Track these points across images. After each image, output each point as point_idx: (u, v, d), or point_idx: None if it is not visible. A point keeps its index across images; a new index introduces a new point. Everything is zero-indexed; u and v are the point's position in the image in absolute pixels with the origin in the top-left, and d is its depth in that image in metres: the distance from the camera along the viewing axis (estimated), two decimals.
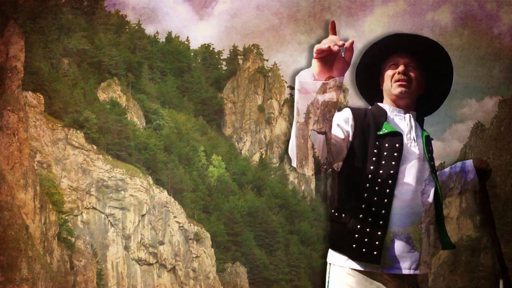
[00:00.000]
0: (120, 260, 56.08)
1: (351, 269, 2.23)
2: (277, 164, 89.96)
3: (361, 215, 2.20)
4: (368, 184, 2.22)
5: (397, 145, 2.27)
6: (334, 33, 1.97)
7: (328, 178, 2.35)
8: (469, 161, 2.60)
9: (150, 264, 58.57)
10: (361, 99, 2.57)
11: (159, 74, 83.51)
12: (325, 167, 2.15)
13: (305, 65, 2.02)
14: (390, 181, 2.22)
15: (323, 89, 1.96)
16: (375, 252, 2.17)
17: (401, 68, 2.34)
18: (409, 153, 2.29)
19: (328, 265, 2.32)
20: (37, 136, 53.30)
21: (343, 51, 1.96)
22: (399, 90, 2.34)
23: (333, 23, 1.96)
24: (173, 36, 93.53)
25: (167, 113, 74.93)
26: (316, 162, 2.15)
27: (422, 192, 2.27)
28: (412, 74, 2.36)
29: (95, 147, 57.28)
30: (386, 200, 2.20)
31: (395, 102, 2.38)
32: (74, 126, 56.27)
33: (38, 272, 41.53)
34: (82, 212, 55.07)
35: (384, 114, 2.35)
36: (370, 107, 2.43)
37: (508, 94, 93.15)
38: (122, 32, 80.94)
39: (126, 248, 56.94)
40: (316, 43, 1.95)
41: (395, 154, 2.25)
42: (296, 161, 2.09)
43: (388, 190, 2.21)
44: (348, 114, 2.28)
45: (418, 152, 2.31)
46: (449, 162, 2.80)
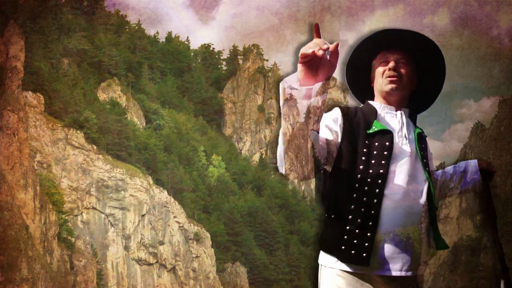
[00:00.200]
0: (120, 260, 56.06)
1: (341, 271, 2.18)
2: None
3: (350, 216, 2.15)
4: (357, 184, 2.17)
5: (387, 144, 2.22)
6: (319, 36, 1.92)
7: (320, 179, 2.29)
8: (474, 161, 2.55)
9: (150, 264, 58.56)
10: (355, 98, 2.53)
11: (159, 74, 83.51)
12: (313, 172, 2.10)
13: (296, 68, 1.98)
14: (380, 181, 2.16)
15: (308, 95, 1.93)
16: (364, 254, 2.12)
17: (391, 65, 2.29)
18: (400, 152, 2.23)
19: (320, 266, 2.27)
20: (37, 136, 53.29)
21: (328, 54, 1.92)
22: (390, 87, 2.29)
23: (317, 26, 1.92)
24: (173, 36, 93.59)
25: (167, 113, 74.92)
26: (316, 162, 2.12)
27: (415, 192, 2.20)
28: (403, 70, 2.30)
29: (95, 147, 57.27)
30: (376, 201, 2.15)
31: (386, 99, 2.32)
32: (74, 126, 56.26)
33: (38, 272, 41.52)
34: (82, 212, 55.06)
35: (374, 112, 2.30)
36: (361, 106, 2.38)
37: (508, 94, 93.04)
38: (122, 32, 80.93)
39: (126, 248, 56.92)
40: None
41: (385, 153, 2.20)
42: (285, 167, 2.04)
43: (378, 190, 2.15)
44: (337, 114, 2.23)
45: (410, 150, 2.25)
46: (449, 162, 2.68)
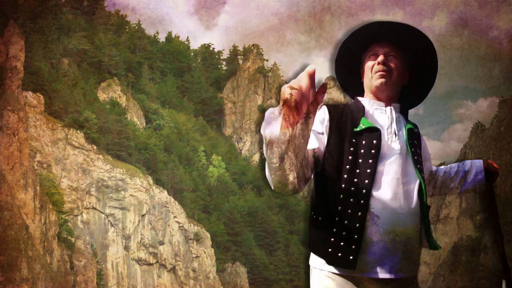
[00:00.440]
0: (120, 260, 56.04)
1: (331, 272, 2.11)
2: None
3: (337, 218, 2.06)
4: (344, 185, 2.08)
5: (375, 142, 2.12)
6: (311, 83, 1.70)
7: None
8: (479, 161, 2.50)
9: (150, 264, 58.55)
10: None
11: (159, 74, 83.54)
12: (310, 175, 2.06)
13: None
14: (367, 181, 2.06)
15: (291, 138, 1.82)
16: (351, 257, 2.03)
17: (381, 58, 2.20)
18: (389, 149, 2.14)
19: (310, 268, 2.21)
20: (37, 136, 53.28)
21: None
22: (379, 82, 2.20)
23: (313, 75, 1.69)
24: (173, 36, 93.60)
25: (167, 113, 74.94)
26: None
27: (405, 191, 2.11)
28: (393, 64, 2.21)
29: (95, 147, 57.26)
30: (363, 202, 2.05)
31: (376, 95, 2.23)
32: (74, 126, 56.26)
33: (38, 272, 41.49)
34: (82, 212, 55.04)
35: (362, 109, 2.21)
36: (350, 102, 2.29)
37: (508, 94, 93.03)
38: (122, 32, 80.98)
39: (126, 248, 56.91)
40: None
41: (373, 152, 2.10)
42: (285, 167, 1.96)
43: (365, 191, 2.06)
44: (324, 114, 2.15)
45: (399, 147, 2.15)
46: (449, 162, 2.61)
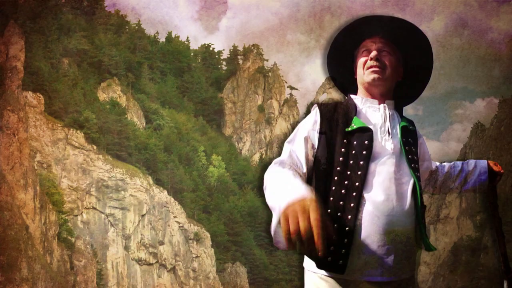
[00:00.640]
0: (120, 260, 56.04)
1: (324, 275, 2.04)
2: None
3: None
4: (334, 187, 2.02)
5: (366, 142, 2.05)
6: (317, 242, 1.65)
7: None
8: (483, 161, 2.46)
9: (150, 264, 58.54)
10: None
11: (159, 74, 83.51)
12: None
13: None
14: (357, 183, 2.00)
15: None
16: (341, 261, 1.97)
17: (373, 54, 2.13)
18: (382, 149, 2.07)
19: (304, 270, 2.15)
20: (37, 136, 53.27)
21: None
22: (372, 77, 2.13)
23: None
24: (173, 36, 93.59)
25: (167, 113, 74.93)
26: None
27: (398, 192, 2.03)
28: (386, 60, 2.15)
29: (95, 147, 57.26)
30: (353, 205, 1.98)
31: (369, 91, 2.17)
32: (74, 126, 56.26)
33: (38, 272, 41.49)
34: (82, 212, 55.04)
35: (354, 108, 2.14)
36: (343, 101, 2.22)
37: (508, 94, 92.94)
38: (122, 32, 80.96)
39: (126, 248, 56.90)
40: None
41: (364, 152, 2.04)
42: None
43: (355, 193, 1.99)
44: (316, 117, 2.11)
45: (393, 147, 2.08)
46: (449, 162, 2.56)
